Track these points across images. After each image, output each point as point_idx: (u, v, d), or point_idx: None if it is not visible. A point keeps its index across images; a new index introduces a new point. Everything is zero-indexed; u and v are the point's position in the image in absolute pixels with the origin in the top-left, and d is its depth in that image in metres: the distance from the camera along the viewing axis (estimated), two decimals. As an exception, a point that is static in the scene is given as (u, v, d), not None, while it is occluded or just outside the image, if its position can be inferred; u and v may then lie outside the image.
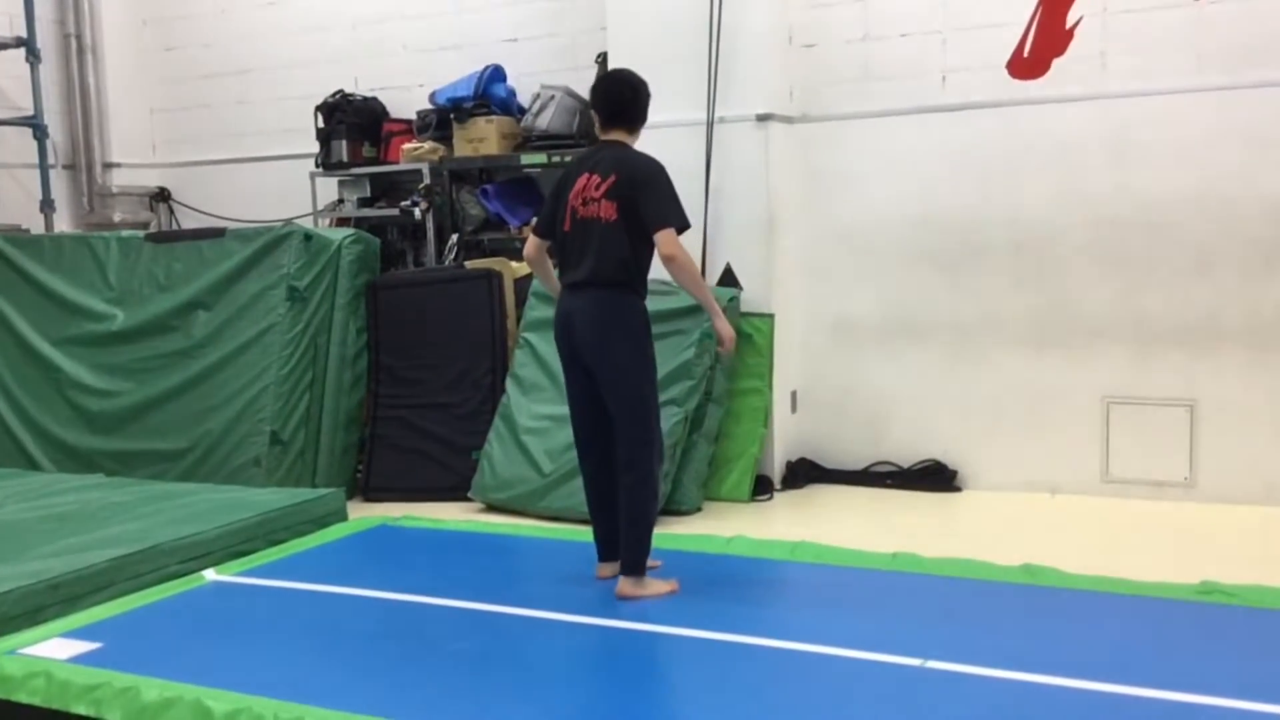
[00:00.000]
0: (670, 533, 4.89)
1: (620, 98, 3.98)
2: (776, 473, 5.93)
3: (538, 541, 4.73)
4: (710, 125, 5.88)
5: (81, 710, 3.16)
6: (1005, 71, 5.65)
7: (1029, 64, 5.63)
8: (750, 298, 5.86)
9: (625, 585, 3.85)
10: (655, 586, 3.89)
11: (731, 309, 5.73)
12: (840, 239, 6.05)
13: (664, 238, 3.79)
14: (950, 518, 5.42)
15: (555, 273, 4.12)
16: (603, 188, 3.83)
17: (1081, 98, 5.50)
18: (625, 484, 3.85)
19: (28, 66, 7.44)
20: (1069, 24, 5.53)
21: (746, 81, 5.85)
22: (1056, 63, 5.57)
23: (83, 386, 6.13)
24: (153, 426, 5.96)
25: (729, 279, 5.91)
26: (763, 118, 5.83)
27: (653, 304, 5.69)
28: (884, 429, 6.01)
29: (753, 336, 5.83)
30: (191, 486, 5.32)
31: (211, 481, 5.60)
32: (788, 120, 6.00)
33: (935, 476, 5.83)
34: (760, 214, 5.87)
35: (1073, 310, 5.60)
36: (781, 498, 5.82)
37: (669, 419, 5.49)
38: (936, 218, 5.83)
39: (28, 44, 7.42)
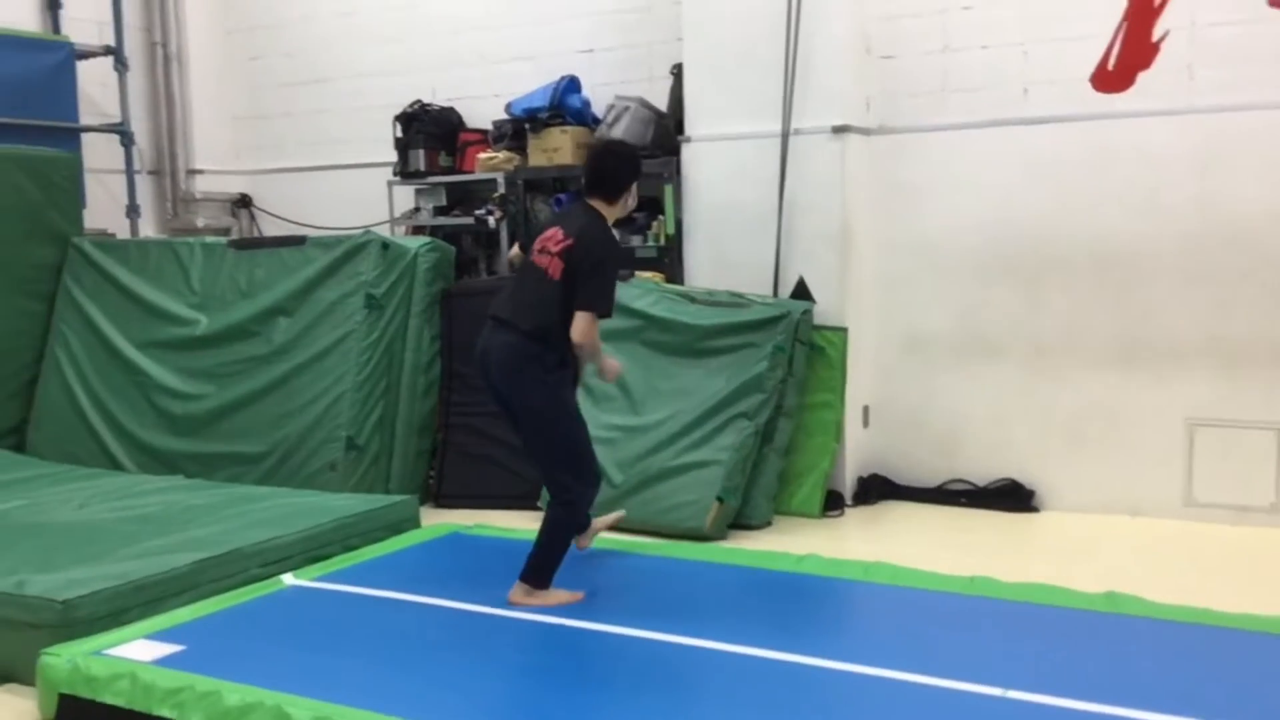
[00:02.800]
0: (740, 547, 4.88)
1: (603, 169, 4.17)
2: (848, 488, 5.88)
3: (607, 554, 4.73)
4: (785, 137, 5.85)
5: (165, 713, 3.23)
6: (1088, 84, 5.54)
7: (1113, 77, 5.52)
8: (823, 311, 5.82)
9: (517, 592, 4.03)
10: (553, 596, 4.04)
11: (804, 322, 5.71)
12: (916, 252, 5.98)
13: (581, 322, 3.92)
14: (1028, 539, 5.32)
15: None
16: (560, 246, 4.00)
17: (1167, 112, 5.38)
18: (551, 510, 4.10)
19: (116, 75, 7.63)
20: (1155, 37, 5.41)
21: (823, 93, 5.81)
22: (1142, 76, 5.46)
23: (166, 389, 6.24)
24: (233, 430, 6.06)
25: (802, 292, 5.88)
26: (839, 129, 5.79)
27: (723, 316, 5.76)
28: (959, 446, 5.92)
29: (825, 350, 5.79)
30: (270, 490, 5.41)
31: (288, 485, 5.68)
32: (864, 132, 5.95)
33: (1011, 496, 5.73)
34: (834, 227, 5.83)
35: (1156, 329, 5.48)
36: (853, 514, 5.77)
37: (740, 432, 5.48)
38: (1015, 232, 5.74)
39: (116, 52, 7.61)
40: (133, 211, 7.72)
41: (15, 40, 6.99)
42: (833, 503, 5.74)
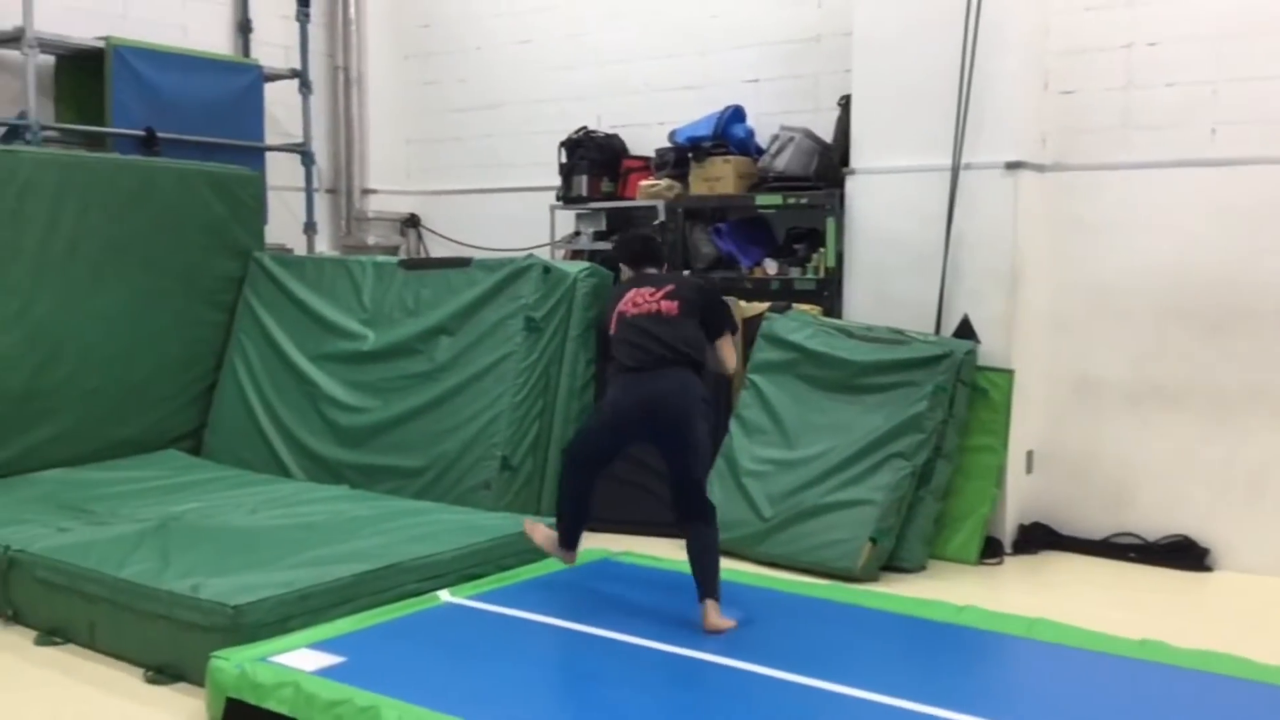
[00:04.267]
0: (894, 593, 4.75)
1: (646, 246, 4.76)
2: (1008, 536, 5.69)
3: (754, 590, 4.67)
4: (955, 171, 5.72)
5: (325, 724, 3.32)
6: (1283, 126, 5.26)
7: (1312, 118, 5.22)
8: (988, 351, 5.65)
9: (715, 614, 4.10)
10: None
11: (967, 362, 5.55)
12: (1090, 294, 5.76)
13: (729, 348, 4.51)
14: (1201, 601, 5.04)
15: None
16: (658, 294, 4.38)
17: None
18: (702, 531, 4.24)
19: (300, 97, 8.00)
20: (1362, 75, 5.10)
21: (997, 127, 5.66)
22: (1343, 117, 5.15)
23: (334, 401, 6.47)
24: (394, 443, 6.23)
25: (966, 331, 5.72)
26: (1012, 165, 5.63)
27: (882, 353, 5.65)
28: (1128, 497, 5.66)
29: (988, 392, 5.61)
30: (428, 505, 5.54)
31: (444, 500, 5.80)
32: (1039, 169, 5.77)
33: (1184, 553, 5.44)
34: (1004, 265, 5.66)
35: (1352, 385, 5.14)
36: (1012, 562, 5.57)
37: (896, 472, 5.37)
38: (1198, 277, 5.47)
39: (301, 76, 7.98)
40: (310, 228, 8.07)
41: (210, 63, 7.40)
42: (991, 550, 5.56)
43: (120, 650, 4.19)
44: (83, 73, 6.91)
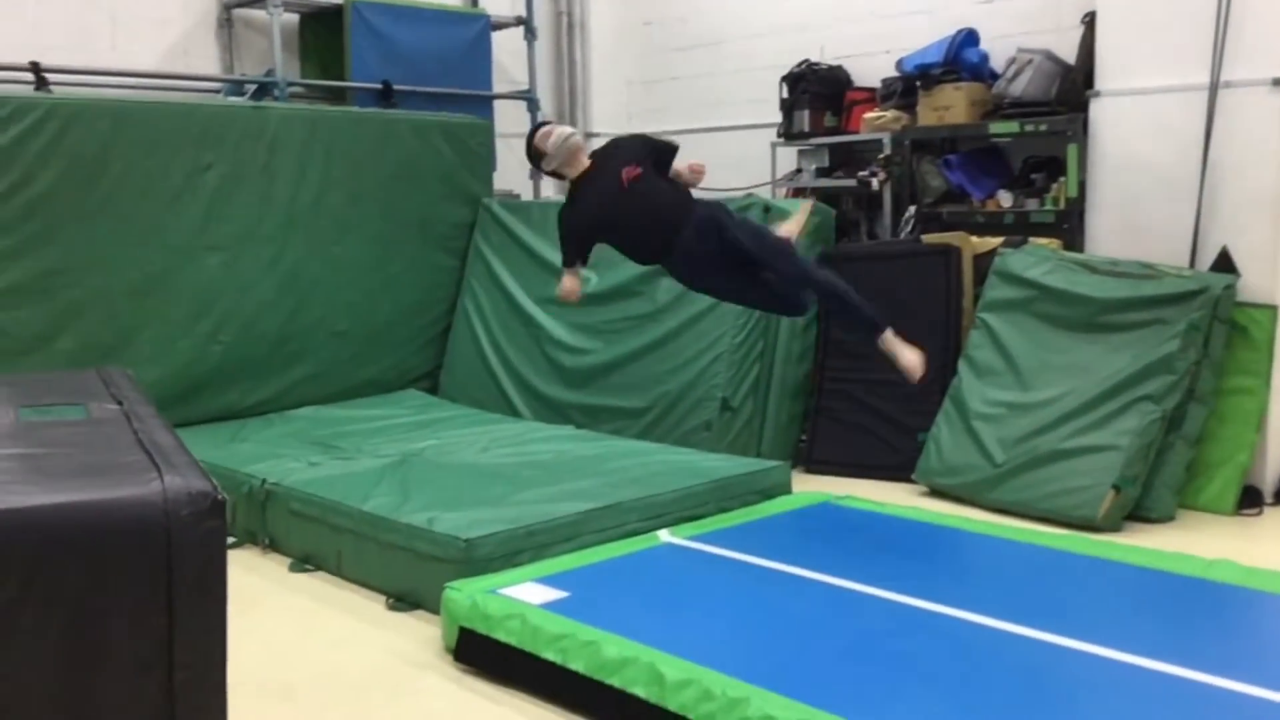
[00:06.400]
0: (1139, 544, 4.46)
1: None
2: (1269, 485, 5.24)
3: (987, 539, 4.50)
4: (1214, 90, 5.24)
5: (549, 656, 3.39)
6: None
7: None
8: (1249, 285, 5.19)
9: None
10: None
11: (1225, 298, 5.11)
12: (1372, 222, 5.18)
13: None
14: None
15: None
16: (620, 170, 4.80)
17: None
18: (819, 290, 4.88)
19: (525, 44, 8.13)
20: None
21: (1260, 40, 5.14)
22: None
23: (558, 343, 6.62)
24: (616, 384, 6.32)
25: (1224, 264, 5.27)
26: (1279, 82, 5.10)
27: (1129, 289, 5.31)
28: None
29: (1249, 330, 5.17)
30: (650, 446, 5.60)
31: (665, 441, 5.85)
32: (1312, 83, 5.21)
33: None
34: (1270, 191, 5.16)
35: None
36: (1273, 513, 5.14)
37: (1144, 416, 5.02)
38: None
39: (526, 23, 8.12)
40: (536, 174, 8.22)
41: (441, 14, 7.62)
42: (1249, 500, 5.14)
43: (364, 578, 4.44)
44: (324, 29, 7.26)
